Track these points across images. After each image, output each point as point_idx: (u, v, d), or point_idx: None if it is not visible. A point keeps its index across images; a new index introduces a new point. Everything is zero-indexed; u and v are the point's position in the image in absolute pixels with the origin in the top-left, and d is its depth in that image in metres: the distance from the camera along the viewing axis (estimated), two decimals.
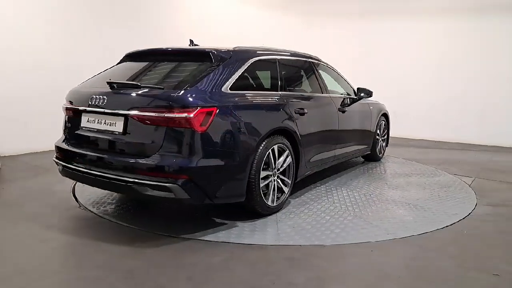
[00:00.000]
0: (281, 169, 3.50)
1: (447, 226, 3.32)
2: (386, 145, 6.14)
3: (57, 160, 3.40)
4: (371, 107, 5.41)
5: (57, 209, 3.65)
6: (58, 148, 3.41)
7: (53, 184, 4.25)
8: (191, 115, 2.75)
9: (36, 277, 2.38)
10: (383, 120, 5.83)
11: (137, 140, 2.92)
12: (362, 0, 8.91)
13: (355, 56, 8.91)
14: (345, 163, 5.50)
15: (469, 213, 3.65)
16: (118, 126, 3.00)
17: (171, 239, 2.95)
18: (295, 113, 3.67)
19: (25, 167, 5.06)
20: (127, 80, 3.19)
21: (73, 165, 3.21)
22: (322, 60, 4.81)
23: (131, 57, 3.72)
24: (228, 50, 3.36)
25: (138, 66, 3.49)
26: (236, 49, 3.46)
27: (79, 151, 3.18)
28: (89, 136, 3.20)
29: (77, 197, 3.85)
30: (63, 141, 3.44)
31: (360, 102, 5.09)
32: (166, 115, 2.77)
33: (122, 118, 2.97)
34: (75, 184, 4.22)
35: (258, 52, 3.64)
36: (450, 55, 8.17)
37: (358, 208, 3.68)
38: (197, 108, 2.78)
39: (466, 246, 2.98)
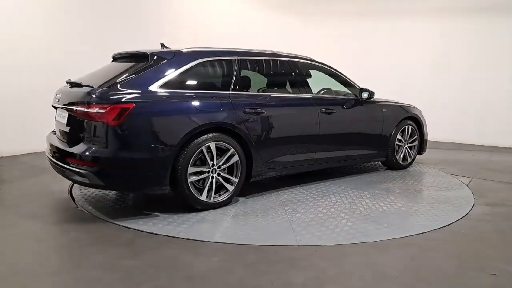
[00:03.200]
0: (222, 167, 3.54)
1: (445, 226, 3.33)
2: (419, 153, 5.55)
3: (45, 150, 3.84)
4: (384, 109, 4.99)
5: (55, 210, 3.65)
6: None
7: (51, 185, 4.24)
8: (104, 110, 3.05)
9: (34, 278, 2.37)
10: (410, 124, 5.28)
11: (73, 131, 3.38)
12: (361, 0, 8.93)
13: (353, 56, 8.91)
14: (356, 168, 5.29)
15: (467, 213, 3.66)
16: (65, 119, 3.48)
17: (170, 239, 2.94)
18: (245, 112, 3.67)
19: (24, 167, 5.05)
20: (93, 79, 3.46)
21: (48, 153, 3.65)
22: (316, 60, 4.66)
23: (113, 58, 4.06)
24: (171, 51, 3.62)
25: (112, 66, 3.80)
26: (183, 50, 3.67)
27: (51, 142, 3.65)
28: (57, 128, 3.75)
29: (75, 198, 3.84)
30: (50, 132, 3.97)
31: (367, 104, 4.81)
32: (85, 110, 3.15)
33: (67, 112, 3.44)
34: (72, 185, 4.21)
35: (208, 53, 3.76)
36: (447, 55, 8.18)
37: (300, 213, 3.51)
38: (111, 104, 3.07)
39: (465, 246, 2.99)
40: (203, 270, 2.50)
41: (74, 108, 3.28)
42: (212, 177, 3.50)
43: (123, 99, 3.12)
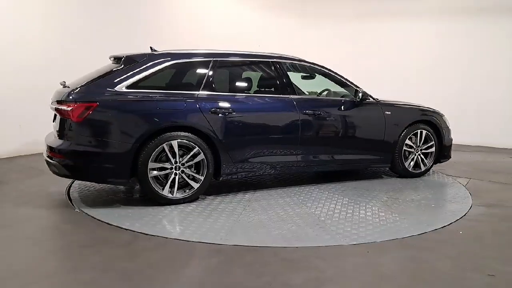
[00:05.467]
0: (186, 164, 3.65)
1: (443, 226, 3.33)
2: (438, 161, 5.05)
3: None
4: (387, 112, 4.62)
5: (53, 211, 3.63)
6: None
7: (48, 186, 4.23)
8: (69, 108, 3.39)
9: (30, 280, 2.36)
10: (424, 129, 4.82)
11: (56, 127, 3.67)
12: (358, 1, 8.95)
13: (350, 56, 8.92)
14: (362, 174, 4.99)
15: (465, 213, 3.66)
16: (54, 115, 3.79)
17: (167, 241, 2.94)
18: (212, 113, 3.73)
19: (21, 169, 5.03)
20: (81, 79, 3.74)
21: (44, 153, 3.79)
22: (306, 60, 4.51)
23: (110, 59, 4.15)
24: (143, 54, 3.81)
25: (102, 68, 3.94)
26: (155, 52, 3.88)
27: (46, 140, 3.84)
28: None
29: (72, 199, 3.83)
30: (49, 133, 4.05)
31: (365, 105, 4.53)
32: (59, 107, 3.50)
33: (53, 111, 3.74)
34: (69, 186, 4.20)
35: (180, 55, 3.92)
36: (444, 56, 8.20)
37: (255, 214, 3.50)
38: (76, 103, 3.39)
39: (462, 246, 3.00)
40: (201, 271, 2.49)
41: (55, 106, 3.61)
42: (176, 174, 3.61)
43: (87, 98, 3.43)
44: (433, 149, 4.94)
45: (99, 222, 3.26)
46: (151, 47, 4.14)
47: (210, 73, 3.90)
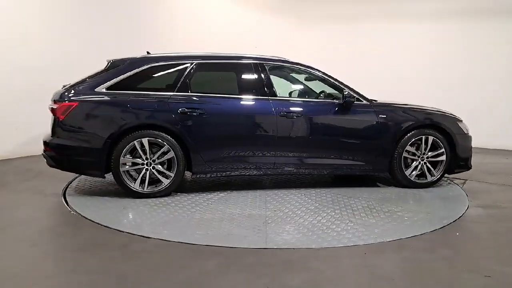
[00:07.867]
0: (157, 161, 3.89)
1: (441, 227, 3.34)
2: (451, 171, 4.62)
3: None
4: (382, 115, 4.33)
5: (49, 214, 3.64)
6: None
7: (45, 188, 4.23)
8: (56, 106, 3.81)
9: (28, 282, 2.36)
10: (430, 135, 4.42)
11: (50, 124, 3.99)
12: (356, 3, 8.98)
13: (349, 57, 8.96)
14: (362, 181, 4.77)
15: (462, 214, 3.67)
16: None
17: (165, 243, 2.94)
18: (181, 113, 3.91)
19: (18, 170, 5.02)
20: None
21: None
22: (290, 61, 4.46)
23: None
24: (126, 58, 4.08)
25: (95, 70, 4.15)
26: (136, 56, 4.13)
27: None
28: None
29: (69, 202, 3.83)
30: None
31: (355, 107, 4.31)
32: (51, 106, 3.89)
33: None
34: (66, 189, 4.21)
35: (160, 58, 4.13)
36: (441, 58, 8.24)
37: (209, 212, 3.54)
38: (62, 102, 3.79)
39: (459, 247, 3.02)
40: (199, 273, 2.49)
41: (50, 106, 3.92)
42: (147, 169, 3.86)
43: (70, 98, 3.81)
44: (443, 158, 4.47)
45: (95, 224, 3.26)
46: (147, 52, 4.26)
47: (186, 75, 4.07)
